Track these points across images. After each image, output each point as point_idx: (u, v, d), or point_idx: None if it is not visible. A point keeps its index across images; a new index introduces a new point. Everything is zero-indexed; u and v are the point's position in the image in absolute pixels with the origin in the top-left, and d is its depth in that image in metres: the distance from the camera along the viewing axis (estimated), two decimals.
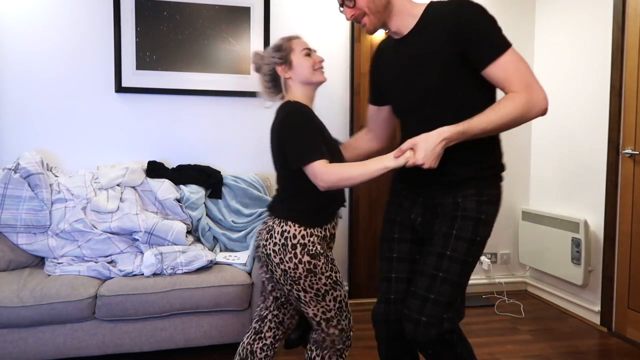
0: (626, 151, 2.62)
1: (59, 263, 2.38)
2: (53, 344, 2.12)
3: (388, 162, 1.39)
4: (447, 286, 1.42)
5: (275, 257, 1.54)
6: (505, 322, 2.87)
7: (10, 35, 2.77)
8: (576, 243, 2.88)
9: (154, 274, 2.26)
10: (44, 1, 2.80)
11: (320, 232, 1.58)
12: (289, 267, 1.52)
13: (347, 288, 3.26)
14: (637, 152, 2.58)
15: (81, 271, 2.27)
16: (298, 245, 1.52)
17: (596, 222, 2.86)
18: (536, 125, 3.39)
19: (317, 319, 1.61)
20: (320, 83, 1.67)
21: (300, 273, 1.52)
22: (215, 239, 2.74)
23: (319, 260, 1.53)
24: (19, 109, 2.81)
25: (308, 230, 1.54)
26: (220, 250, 2.70)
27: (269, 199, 2.86)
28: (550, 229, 3.10)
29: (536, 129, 3.40)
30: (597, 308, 2.84)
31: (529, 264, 3.38)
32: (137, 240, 2.49)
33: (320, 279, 1.54)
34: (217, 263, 2.45)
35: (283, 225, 1.54)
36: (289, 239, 1.52)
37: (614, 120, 2.71)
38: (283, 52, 1.64)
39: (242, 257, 2.53)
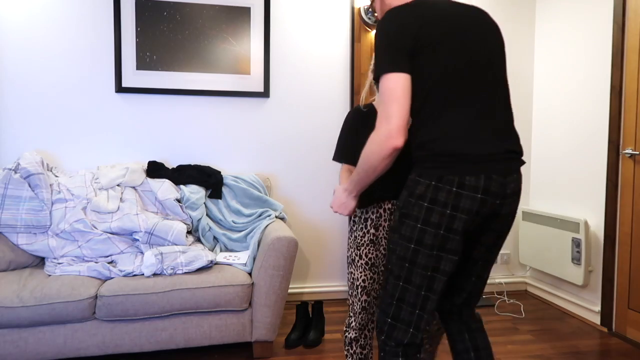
0: (626, 151, 2.62)
1: (59, 263, 2.38)
2: (53, 344, 2.12)
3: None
4: None
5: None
6: (505, 322, 2.87)
7: (10, 36, 2.78)
8: (576, 243, 2.88)
9: (154, 274, 2.26)
10: (44, 2, 2.80)
11: None
12: None
13: (346, 288, 3.26)
14: (637, 152, 2.58)
15: (81, 271, 2.27)
16: None
17: (596, 222, 2.86)
18: (536, 125, 3.39)
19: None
20: None
21: None
22: (215, 239, 2.74)
23: None
24: (19, 109, 2.81)
25: None
26: (221, 251, 2.71)
27: (269, 199, 2.86)
28: (551, 229, 3.10)
29: (536, 129, 3.40)
30: (597, 308, 2.84)
31: (529, 264, 3.37)
32: (138, 240, 2.50)
33: None
34: (217, 263, 2.45)
35: None
36: None
37: (614, 120, 2.71)
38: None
39: (242, 257, 2.53)
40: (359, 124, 1.74)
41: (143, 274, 2.26)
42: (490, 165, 1.30)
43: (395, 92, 1.27)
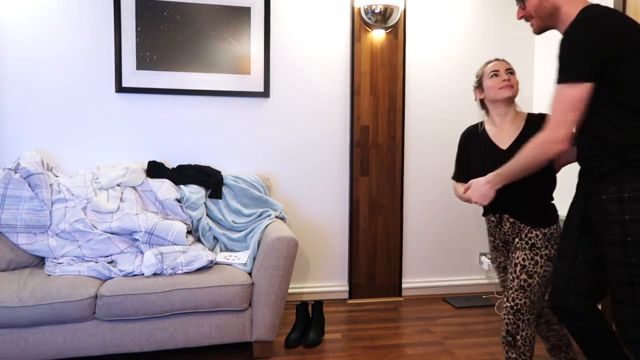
0: None
1: (59, 263, 2.38)
2: (53, 344, 2.12)
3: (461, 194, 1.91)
4: None
5: None
6: None
7: (10, 36, 2.77)
8: None
9: (154, 274, 2.26)
10: (44, 1, 2.80)
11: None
12: None
13: (346, 288, 3.26)
14: None
15: (81, 271, 2.27)
16: None
17: None
18: None
19: None
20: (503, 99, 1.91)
21: None
22: (215, 239, 2.74)
23: None
24: (19, 109, 2.81)
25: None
26: (221, 250, 2.71)
27: (269, 199, 2.87)
28: None
29: None
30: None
31: None
32: (138, 240, 2.50)
33: None
34: (217, 263, 2.45)
35: None
36: None
37: None
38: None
39: (242, 257, 2.53)
40: (470, 143, 2.00)
41: (143, 274, 2.26)
42: None
43: (576, 101, 1.37)
